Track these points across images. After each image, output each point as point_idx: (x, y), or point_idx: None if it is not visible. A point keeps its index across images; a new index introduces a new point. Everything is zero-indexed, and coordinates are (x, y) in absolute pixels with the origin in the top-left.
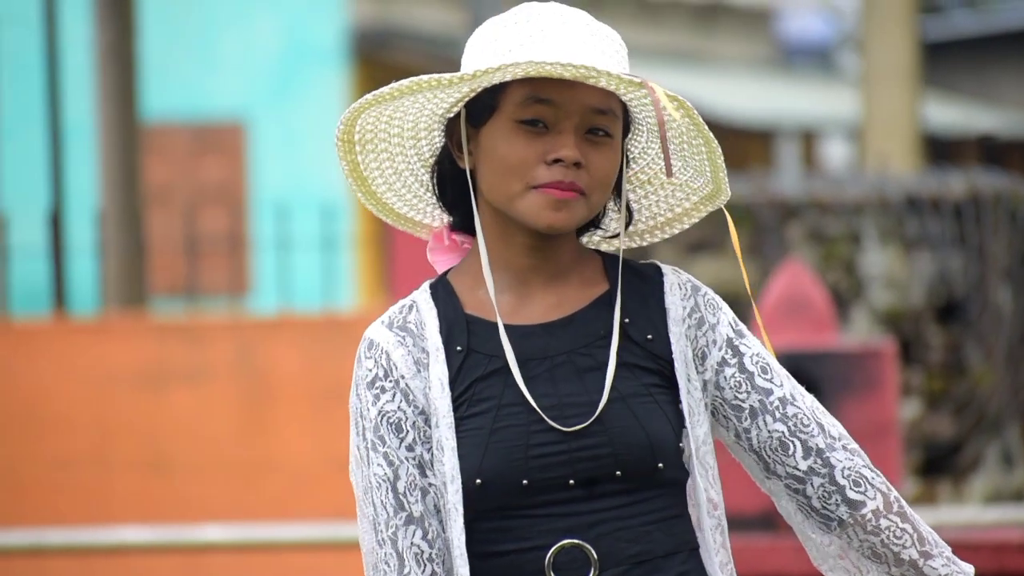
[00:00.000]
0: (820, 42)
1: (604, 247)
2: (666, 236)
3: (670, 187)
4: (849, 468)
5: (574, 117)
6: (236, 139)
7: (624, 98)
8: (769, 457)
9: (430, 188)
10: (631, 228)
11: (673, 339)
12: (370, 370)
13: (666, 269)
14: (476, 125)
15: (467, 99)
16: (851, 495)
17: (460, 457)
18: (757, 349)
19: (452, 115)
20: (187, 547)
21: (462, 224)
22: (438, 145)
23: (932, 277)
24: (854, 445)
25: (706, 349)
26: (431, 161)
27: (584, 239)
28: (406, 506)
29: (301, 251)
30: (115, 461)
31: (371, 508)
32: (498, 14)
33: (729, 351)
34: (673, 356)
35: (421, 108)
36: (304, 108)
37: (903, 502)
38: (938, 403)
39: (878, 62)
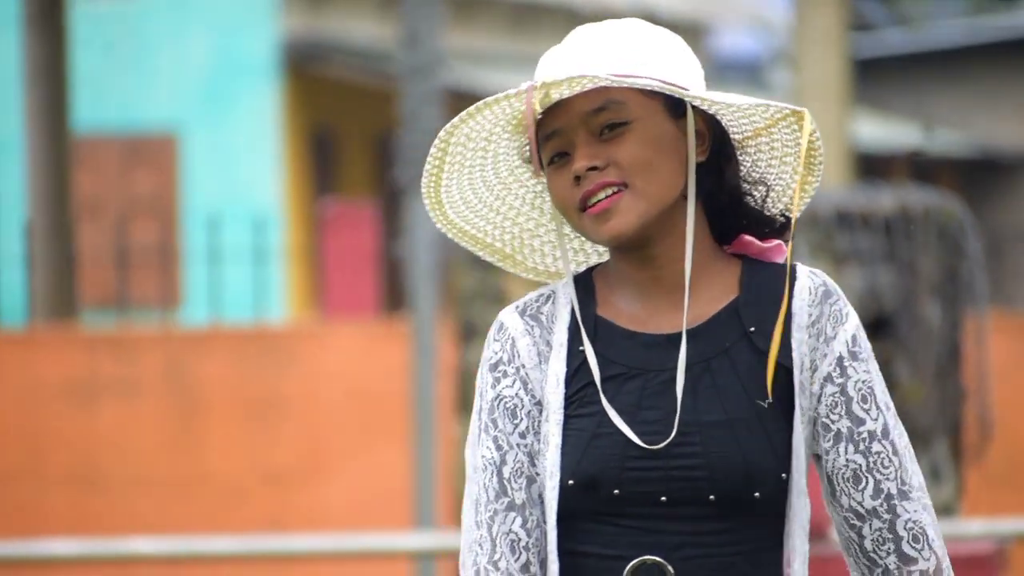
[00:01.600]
0: (751, 58)
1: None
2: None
3: (781, 171)
4: (913, 522)
5: (579, 131)
6: (168, 151)
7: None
8: (839, 485)
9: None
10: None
11: (795, 345)
12: (496, 352)
13: (802, 270)
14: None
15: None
16: (906, 548)
17: (562, 455)
18: (866, 377)
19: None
20: (117, 560)
21: None
22: None
23: (862, 292)
24: (927, 501)
25: (817, 361)
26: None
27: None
28: (509, 492)
29: (232, 263)
30: (45, 474)
31: (475, 487)
32: (429, 27)
33: (837, 369)
34: (792, 364)
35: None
36: (236, 121)
37: (951, 572)
38: None
39: (809, 78)
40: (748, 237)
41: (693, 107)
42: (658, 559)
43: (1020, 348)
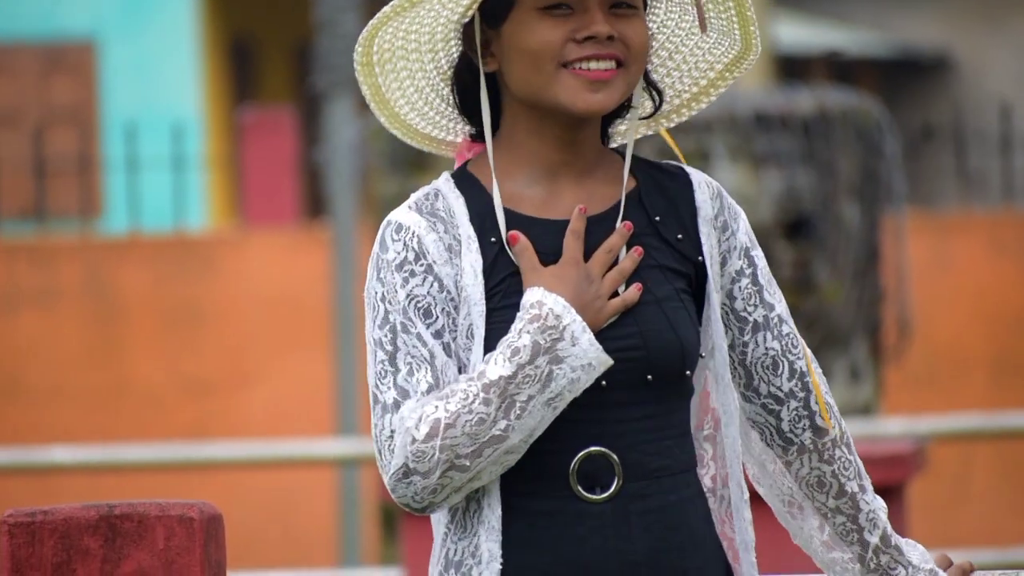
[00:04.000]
0: None
1: (620, 140)
2: (692, 113)
3: (692, 59)
4: (822, 394)
5: None
6: (86, 60)
7: None
8: (758, 374)
9: (451, 101)
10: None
11: (703, 239)
12: (399, 252)
13: (691, 169)
14: (495, 26)
15: (479, 1)
16: (819, 422)
17: (487, 349)
18: (764, 263)
19: (467, 20)
20: (37, 469)
21: (482, 133)
22: (455, 55)
23: (781, 194)
24: (820, 370)
25: (727, 255)
26: (450, 72)
27: (611, 129)
28: (441, 383)
29: (152, 172)
30: None
31: (388, 391)
32: None
33: (745, 260)
34: (704, 257)
35: (436, 17)
36: (155, 28)
37: (849, 434)
38: None
39: None
40: None
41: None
42: (603, 449)
43: (938, 248)
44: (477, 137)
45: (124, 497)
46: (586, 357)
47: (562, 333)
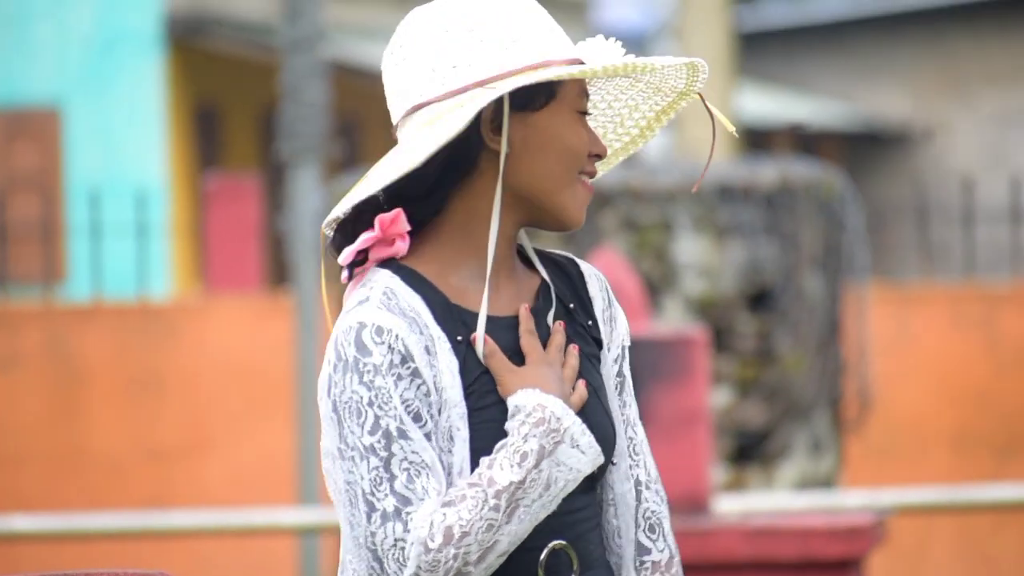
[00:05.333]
0: (636, 31)
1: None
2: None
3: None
4: (652, 512)
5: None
6: (50, 125)
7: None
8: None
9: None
10: None
11: (601, 326)
12: (384, 356)
13: (578, 260)
14: (527, 109)
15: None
16: (641, 537)
17: (473, 450)
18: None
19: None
20: None
21: (423, 212)
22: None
23: (744, 265)
24: (664, 494)
25: (610, 344)
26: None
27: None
28: (441, 489)
29: (115, 238)
30: None
31: (388, 497)
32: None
33: (621, 351)
34: (603, 343)
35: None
36: (119, 94)
37: (679, 567)
38: (749, 390)
39: (694, 50)
40: None
41: None
42: (564, 542)
43: (900, 320)
44: (419, 213)
45: (84, 566)
46: (588, 457)
47: (563, 435)
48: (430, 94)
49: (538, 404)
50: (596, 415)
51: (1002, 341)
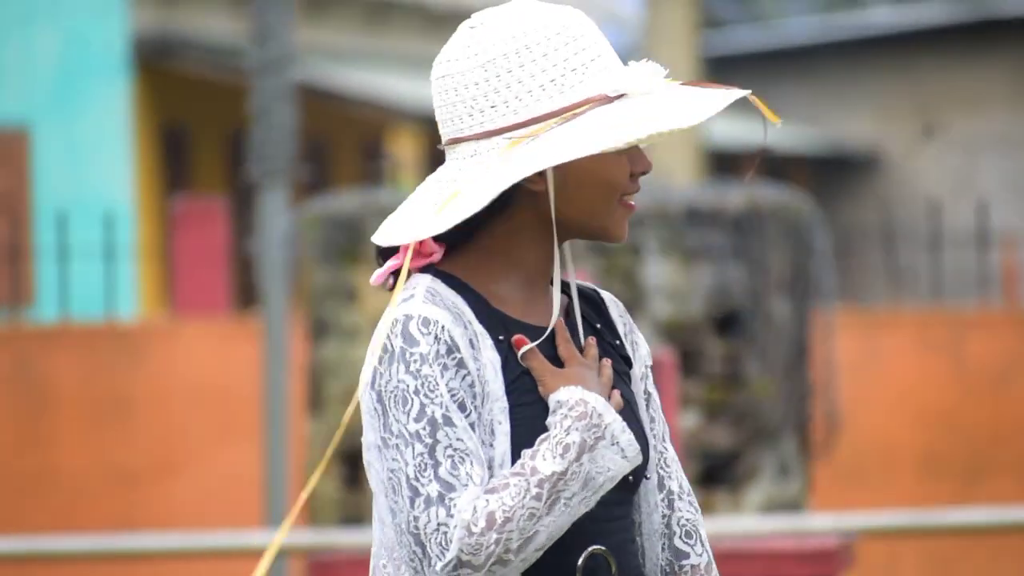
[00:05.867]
0: None
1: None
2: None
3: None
4: (687, 519)
5: None
6: (17, 147)
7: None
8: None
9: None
10: None
11: (628, 347)
12: (431, 345)
13: (597, 288)
14: None
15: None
16: (678, 543)
17: (514, 444)
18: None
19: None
20: None
21: (454, 237)
22: None
23: (711, 289)
24: (697, 505)
25: (635, 363)
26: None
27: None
28: (484, 476)
29: (83, 260)
30: None
31: (432, 483)
32: (281, 23)
33: (645, 370)
34: (630, 359)
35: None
36: (87, 116)
37: (716, 571)
38: (716, 414)
39: None
40: None
41: None
42: (603, 548)
43: (867, 344)
44: (449, 240)
45: None
46: (628, 455)
47: (604, 432)
48: (467, 131)
49: (580, 399)
50: (631, 424)
51: (969, 365)
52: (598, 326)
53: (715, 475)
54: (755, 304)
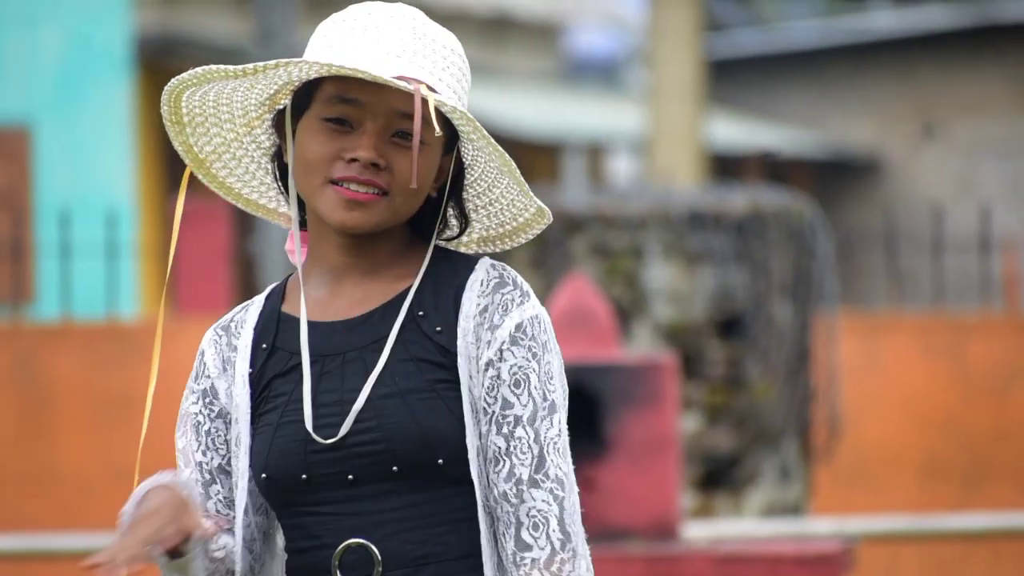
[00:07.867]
0: (607, 57)
1: (463, 249)
2: (515, 245)
3: (504, 201)
4: (538, 511)
5: (379, 119)
6: (20, 145)
7: (440, 106)
8: (484, 467)
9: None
10: (484, 233)
11: (460, 334)
12: (193, 368)
13: (483, 263)
14: (295, 122)
15: (292, 93)
16: (524, 535)
17: (252, 454)
18: (523, 363)
19: (281, 107)
20: None
21: (304, 220)
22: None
23: (714, 292)
24: (565, 496)
25: (482, 349)
26: (272, 151)
27: (444, 242)
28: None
29: (84, 259)
30: None
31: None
32: (283, 23)
33: (497, 354)
34: (457, 351)
35: (244, 96)
36: (88, 114)
37: (580, 570)
38: (718, 417)
39: (664, 78)
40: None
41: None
42: (361, 541)
43: (869, 348)
44: (303, 221)
45: None
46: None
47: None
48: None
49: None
50: (391, 416)
51: (971, 370)
52: (421, 313)
53: (716, 478)
54: (757, 308)
